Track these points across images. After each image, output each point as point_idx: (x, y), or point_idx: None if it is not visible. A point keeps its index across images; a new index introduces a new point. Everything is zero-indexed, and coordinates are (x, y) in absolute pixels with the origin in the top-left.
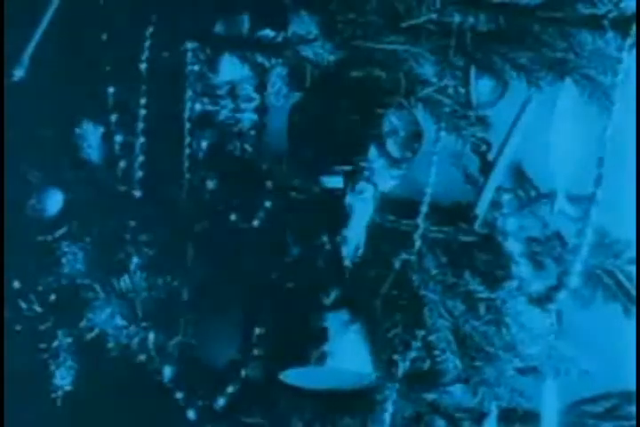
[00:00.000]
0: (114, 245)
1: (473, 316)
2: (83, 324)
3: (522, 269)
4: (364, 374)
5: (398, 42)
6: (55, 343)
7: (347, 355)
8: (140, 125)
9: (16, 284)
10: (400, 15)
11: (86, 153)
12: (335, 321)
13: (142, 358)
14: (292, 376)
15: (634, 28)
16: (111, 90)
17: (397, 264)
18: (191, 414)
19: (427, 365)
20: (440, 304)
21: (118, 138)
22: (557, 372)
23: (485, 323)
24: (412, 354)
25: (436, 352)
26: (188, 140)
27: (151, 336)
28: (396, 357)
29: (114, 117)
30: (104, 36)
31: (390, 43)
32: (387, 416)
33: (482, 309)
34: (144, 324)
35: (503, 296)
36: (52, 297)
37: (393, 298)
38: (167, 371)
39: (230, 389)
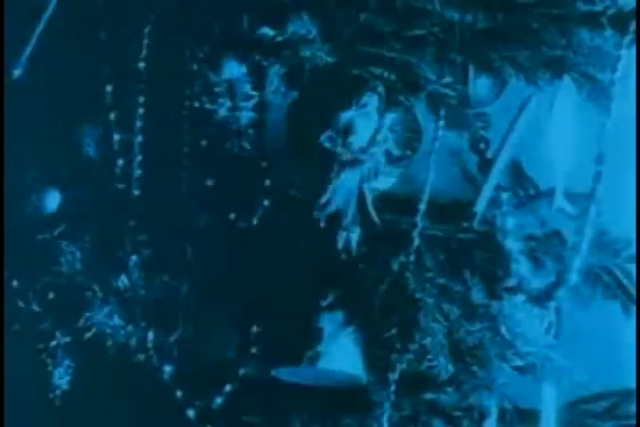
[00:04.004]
0: (112, 244)
1: (471, 316)
2: (81, 323)
3: (521, 267)
4: (355, 376)
5: (396, 39)
6: (53, 343)
7: (340, 356)
8: (139, 124)
9: (14, 283)
10: (398, 13)
11: (85, 152)
12: (331, 322)
13: (141, 357)
14: (284, 374)
15: (633, 25)
16: (110, 88)
17: (395, 264)
18: (190, 413)
19: (423, 366)
20: (435, 308)
21: (117, 136)
22: (557, 371)
23: (484, 323)
24: (408, 356)
25: (429, 356)
26: (186, 138)
27: (149, 335)
28: (392, 358)
29: (112, 116)
30: (103, 35)
31: (390, 50)
32: (385, 416)
33: (481, 308)
34: (142, 323)
35: (502, 295)
36: (51, 296)
37: (389, 299)
38: (166, 370)
39: (228, 388)
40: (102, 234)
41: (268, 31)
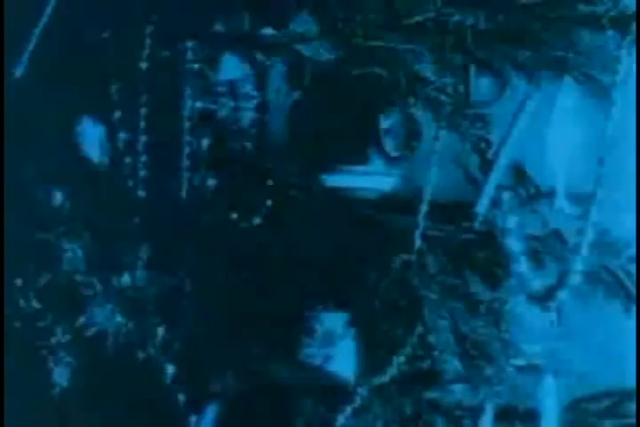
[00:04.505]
0: (114, 243)
1: (473, 316)
2: (82, 321)
3: (522, 267)
4: (345, 379)
5: (398, 40)
6: (54, 340)
7: (340, 357)
8: (142, 124)
9: (17, 281)
10: (400, 14)
11: (87, 151)
12: (333, 322)
13: (141, 355)
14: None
15: (633, 26)
16: (112, 88)
17: (397, 263)
18: (190, 411)
19: (426, 364)
20: (440, 304)
21: (119, 136)
22: (558, 370)
23: (485, 322)
24: (411, 354)
25: (435, 353)
26: (188, 138)
27: (151, 333)
28: (394, 357)
29: (115, 116)
30: (105, 35)
31: (390, 41)
32: (387, 415)
33: (482, 308)
34: (144, 321)
35: (503, 295)
36: (52, 294)
37: (392, 298)
38: (166, 369)
39: (230, 387)
40: (104, 233)
41: (269, 31)
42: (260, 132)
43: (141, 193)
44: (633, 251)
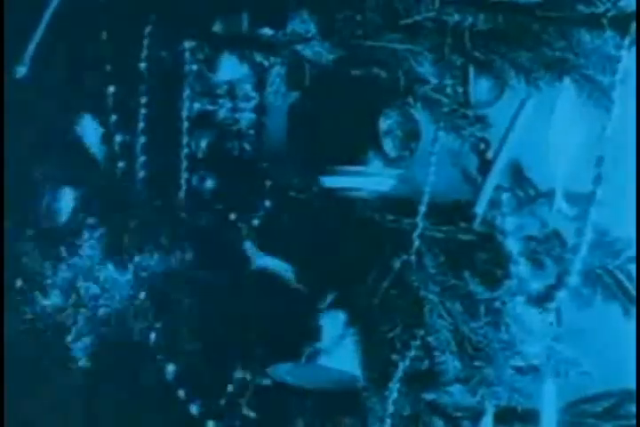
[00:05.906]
0: (115, 244)
1: (472, 316)
2: (87, 321)
3: (521, 268)
4: (354, 375)
5: (397, 40)
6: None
7: (340, 355)
8: (141, 125)
9: (18, 282)
10: (399, 13)
11: (87, 152)
12: (332, 321)
13: (145, 355)
14: (281, 372)
15: (633, 26)
16: (111, 89)
17: (397, 264)
18: (194, 409)
19: (425, 365)
20: (439, 305)
21: (118, 137)
22: (557, 372)
23: (485, 323)
24: (412, 354)
25: (436, 353)
26: (186, 139)
27: (152, 336)
28: (394, 357)
29: (114, 116)
30: (104, 35)
31: (389, 41)
32: (386, 416)
33: (481, 309)
34: (145, 322)
35: (502, 296)
36: (56, 294)
37: (392, 298)
38: (169, 369)
39: (230, 388)
40: (106, 234)
41: (267, 31)
42: (258, 133)
43: (140, 194)
44: (633, 251)
